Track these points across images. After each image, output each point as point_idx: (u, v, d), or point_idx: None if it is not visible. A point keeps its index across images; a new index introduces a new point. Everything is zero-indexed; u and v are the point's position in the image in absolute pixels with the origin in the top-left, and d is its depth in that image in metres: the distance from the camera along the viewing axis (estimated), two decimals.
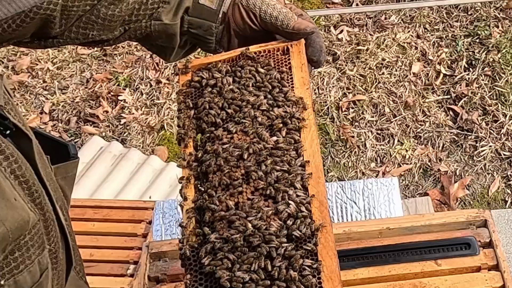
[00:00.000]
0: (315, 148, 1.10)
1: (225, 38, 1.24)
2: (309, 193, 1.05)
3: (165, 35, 1.20)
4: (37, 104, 3.61)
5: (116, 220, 2.10)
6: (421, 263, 1.69)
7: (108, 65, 3.75)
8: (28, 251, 0.86)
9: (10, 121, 0.88)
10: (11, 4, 0.82)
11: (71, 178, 1.05)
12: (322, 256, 1.00)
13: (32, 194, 0.89)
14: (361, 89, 3.53)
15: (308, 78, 1.19)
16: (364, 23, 3.80)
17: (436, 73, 3.57)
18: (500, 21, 3.74)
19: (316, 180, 1.07)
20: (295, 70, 1.19)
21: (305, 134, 1.11)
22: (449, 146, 3.32)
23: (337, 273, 0.98)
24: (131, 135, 3.43)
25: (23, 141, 0.90)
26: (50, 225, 0.93)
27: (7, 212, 0.80)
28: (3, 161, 0.84)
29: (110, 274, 1.97)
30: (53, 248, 0.94)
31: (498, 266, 1.67)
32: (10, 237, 0.81)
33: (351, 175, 3.23)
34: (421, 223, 1.77)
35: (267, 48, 1.23)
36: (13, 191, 0.84)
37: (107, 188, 2.95)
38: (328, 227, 1.03)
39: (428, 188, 3.16)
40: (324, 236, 1.02)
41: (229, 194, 1.06)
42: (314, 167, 1.08)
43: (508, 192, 3.14)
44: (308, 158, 1.09)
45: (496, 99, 3.43)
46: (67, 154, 1.03)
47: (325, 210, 1.04)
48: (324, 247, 1.01)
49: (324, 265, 0.99)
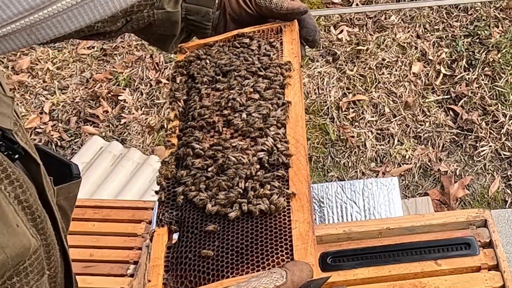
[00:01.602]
0: (297, 100, 1.16)
1: (221, 23, 1.27)
2: (287, 133, 1.09)
3: (168, 23, 1.22)
4: (37, 104, 3.61)
5: (116, 220, 2.10)
6: (421, 263, 1.69)
7: (108, 65, 3.75)
8: (26, 277, 0.85)
9: (19, 145, 0.87)
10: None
11: (73, 198, 1.04)
12: (293, 182, 1.02)
13: (35, 220, 0.88)
14: (361, 89, 3.53)
15: (298, 51, 1.24)
16: (364, 23, 3.80)
17: (436, 73, 3.57)
18: (500, 21, 3.74)
19: (294, 123, 1.11)
20: (285, 44, 1.24)
21: (289, 90, 1.17)
22: (449, 146, 3.32)
23: (306, 194, 1.00)
24: (131, 135, 3.43)
25: (31, 165, 0.89)
26: (51, 250, 0.92)
27: (9, 238, 0.79)
28: (8, 186, 0.82)
29: (110, 274, 1.97)
30: (53, 273, 0.94)
31: (498, 266, 1.67)
32: (10, 263, 0.80)
33: (351, 175, 3.23)
34: (421, 223, 1.76)
35: (261, 29, 1.27)
36: (16, 216, 0.83)
37: (107, 188, 2.95)
38: (302, 160, 1.05)
39: (428, 188, 3.16)
40: (297, 165, 1.04)
41: (210, 136, 1.10)
42: (293, 112, 1.13)
43: (508, 192, 3.14)
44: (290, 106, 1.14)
45: (496, 99, 3.43)
46: (69, 173, 1.02)
47: (301, 146, 1.07)
48: (295, 174, 1.03)
49: (295, 188, 1.01)
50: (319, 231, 1.78)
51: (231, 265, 0.94)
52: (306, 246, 0.93)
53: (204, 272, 0.95)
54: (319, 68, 3.63)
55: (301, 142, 1.08)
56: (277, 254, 0.94)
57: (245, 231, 0.97)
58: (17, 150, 0.86)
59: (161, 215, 1.05)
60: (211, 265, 0.95)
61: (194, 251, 0.98)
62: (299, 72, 1.21)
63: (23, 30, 0.69)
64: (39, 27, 0.69)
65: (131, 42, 3.83)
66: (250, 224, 0.98)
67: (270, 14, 1.25)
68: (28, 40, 0.71)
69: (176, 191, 1.05)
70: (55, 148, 3.41)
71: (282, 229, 0.96)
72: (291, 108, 1.14)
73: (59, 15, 0.69)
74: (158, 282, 0.98)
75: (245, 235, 0.97)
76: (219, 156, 1.06)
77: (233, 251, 0.96)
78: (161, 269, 0.99)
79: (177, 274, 0.97)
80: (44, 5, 0.67)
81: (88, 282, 1.94)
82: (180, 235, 1.02)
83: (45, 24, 0.69)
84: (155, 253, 1.01)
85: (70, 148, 3.42)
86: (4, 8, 0.67)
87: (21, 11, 0.67)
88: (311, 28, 1.26)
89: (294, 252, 0.93)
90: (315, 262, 0.91)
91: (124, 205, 2.17)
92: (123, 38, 3.86)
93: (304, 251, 0.93)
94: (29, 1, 0.67)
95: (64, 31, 0.71)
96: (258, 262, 0.93)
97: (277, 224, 0.97)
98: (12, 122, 0.87)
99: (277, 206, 0.98)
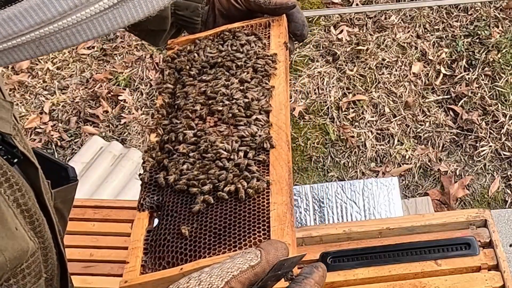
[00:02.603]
0: (281, 89, 1.16)
1: (211, 18, 1.28)
2: (270, 120, 1.11)
3: (158, 18, 1.23)
4: (37, 104, 3.61)
5: (116, 220, 2.10)
6: (421, 263, 1.69)
7: (108, 65, 3.75)
8: (23, 279, 0.86)
9: (18, 150, 0.88)
10: None
11: (70, 201, 1.05)
12: (273, 167, 1.03)
13: (33, 223, 0.88)
14: (361, 89, 3.53)
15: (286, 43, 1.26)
16: (364, 23, 3.80)
17: (436, 73, 3.57)
18: (500, 21, 3.74)
19: (277, 111, 1.12)
20: (273, 37, 1.25)
21: (274, 80, 1.18)
22: (449, 146, 3.32)
23: (286, 178, 1.01)
24: (131, 135, 3.43)
25: (29, 169, 0.90)
26: (48, 253, 0.93)
27: (7, 242, 0.80)
28: (7, 189, 0.83)
29: (110, 274, 1.97)
30: (49, 276, 0.94)
31: (498, 266, 1.67)
32: (8, 266, 0.80)
33: (351, 175, 3.23)
34: (421, 223, 1.77)
35: (250, 24, 1.29)
36: (15, 220, 0.83)
37: (107, 188, 2.95)
38: (284, 146, 1.06)
39: (428, 188, 3.16)
40: (278, 151, 1.05)
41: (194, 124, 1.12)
42: (277, 101, 1.14)
43: (508, 192, 3.14)
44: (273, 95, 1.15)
45: (496, 99, 3.43)
46: (66, 176, 1.03)
47: (283, 132, 1.08)
48: (276, 158, 1.04)
49: (274, 173, 1.02)
50: (319, 231, 1.78)
51: (208, 246, 0.95)
52: (283, 227, 0.94)
53: (182, 253, 0.96)
54: (319, 68, 3.63)
55: (283, 129, 1.09)
56: (254, 235, 0.95)
57: (224, 213, 0.98)
58: (16, 154, 0.87)
59: (142, 200, 1.07)
60: (188, 246, 0.96)
61: (173, 233, 0.99)
62: (285, 63, 1.22)
63: (32, 42, 0.69)
64: (48, 40, 0.69)
65: (131, 42, 3.83)
66: (229, 206, 0.99)
67: (258, 8, 1.26)
68: (36, 52, 0.70)
69: (158, 176, 1.07)
70: (55, 148, 3.41)
71: (260, 211, 0.98)
72: (275, 96, 1.15)
73: (69, 29, 0.69)
74: (136, 264, 1.00)
75: (223, 217, 0.98)
76: (201, 142, 1.07)
77: (210, 233, 0.96)
78: (140, 251, 1.00)
79: (156, 256, 0.98)
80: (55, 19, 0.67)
81: (88, 282, 1.94)
82: (160, 218, 1.03)
83: (54, 37, 0.69)
84: (135, 235, 1.02)
85: (70, 148, 3.42)
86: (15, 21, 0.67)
87: (32, 25, 0.67)
88: (299, 23, 1.28)
89: (271, 232, 0.94)
90: (291, 242, 0.91)
91: (124, 205, 2.17)
92: (123, 38, 3.86)
93: (281, 231, 0.93)
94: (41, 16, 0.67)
95: (72, 43, 0.71)
96: (236, 243, 0.94)
97: (255, 206, 0.98)
98: (11, 126, 0.88)
99: (256, 189, 0.99)
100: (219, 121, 1.12)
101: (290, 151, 1.08)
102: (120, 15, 0.71)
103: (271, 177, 1.02)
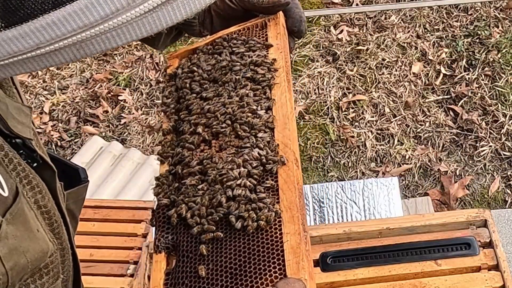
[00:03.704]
0: (283, 100, 1.13)
1: (208, 19, 1.26)
2: (275, 137, 1.08)
3: None
4: (37, 104, 3.61)
5: (116, 220, 2.10)
6: (421, 263, 1.69)
7: (108, 65, 3.75)
8: (41, 279, 0.87)
9: (37, 154, 0.89)
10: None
11: (81, 201, 1.06)
12: (283, 191, 1.01)
13: (52, 224, 0.89)
14: (361, 89, 3.53)
15: (285, 45, 1.22)
16: (364, 23, 3.80)
17: (436, 73, 3.57)
18: (500, 21, 3.74)
19: (282, 126, 1.09)
20: (271, 40, 1.22)
21: (276, 90, 1.15)
22: (449, 146, 3.32)
23: (297, 203, 0.98)
24: (131, 135, 3.43)
25: (47, 172, 0.91)
26: (66, 254, 0.94)
27: (29, 244, 0.81)
28: (29, 192, 0.85)
29: (110, 274, 1.97)
30: (65, 277, 0.95)
31: (498, 266, 1.67)
32: (29, 267, 0.82)
33: (351, 175, 3.23)
34: (421, 223, 1.77)
35: (246, 26, 1.26)
36: (36, 222, 0.84)
37: (107, 188, 2.95)
38: (291, 166, 1.03)
39: (428, 188, 3.16)
40: (286, 172, 1.03)
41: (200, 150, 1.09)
42: (280, 114, 1.10)
43: (508, 192, 3.14)
44: (276, 107, 1.12)
45: (496, 99, 3.43)
46: (77, 177, 1.04)
47: (289, 151, 1.05)
48: (285, 182, 1.02)
49: (284, 198, 1.00)
50: (319, 231, 1.78)
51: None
52: (298, 260, 0.92)
53: None
54: (319, 68, 3.63)
55: (290, 146, 1.06)
56: (270, 271, 0.93)
57: (237, 249, 0.97)
58: (36, 159, 0.89)
59: (158, 241, 1.05)
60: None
61: (190, 276, 0.97)
62: (286, 68, 1.19)
63: (73, 46, 0.70)
64: (89, 43, 0.70)
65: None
66: (242, 241, 0.97)
67: (253, 8, 1.24)
68: (76, 55, 0.71)
69: (169, 214, 1.05)
70: (55, 148, 3.41)
71: (273, 244, 0.96)
72: (278, 109, 1.12)
73: (109, 32, 0.70)
74: None
75: (237, 253, 0.96)
76: (209, 169, 1.05)
77: (226, 273, 0.95)
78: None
79: None
80: (97, 23, 0.68)
81: (88, 282, 1.94)
82: (176, 259, 1.02)
83: (95, 40, 0.70)
84: (154, 281, 1.01)
85: (70, 148, 3.42)
86: (59, 25, 0.67)
87: (75, 28, 0.68)
88: (296, 18, 1.25)
89: (287, 267, 0.92)
90: (308, 276, 0.90)
91: (124, 205, 2.17)
92: None
93: (296, 265, 0.92)
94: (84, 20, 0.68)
95: (111, 46, 0.72)
96: (252, 283, 0.93)
97: (268, 238, 0.96)
98: (31, 132, 0.90)
99: (267, 220, 0.97)
100: (224, 144, 1.09)
101: (299, 168, 1.05)
102: (159, 18, 0.71)
103: (281, 203, 0.99)
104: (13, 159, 0.83)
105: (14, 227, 0.79)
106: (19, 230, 0.79)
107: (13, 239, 0.78)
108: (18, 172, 0.83)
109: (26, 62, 0.71)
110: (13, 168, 0.82)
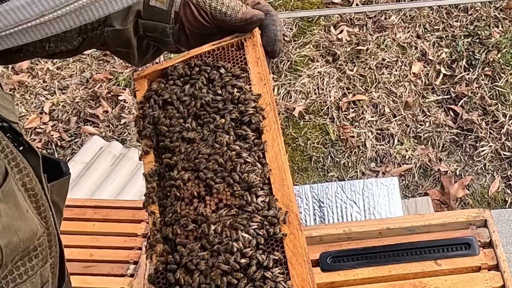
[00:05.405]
0: (276, 149, 1.04)
1: (183, 37, 1.22)
2: (274, 194, 0.99)
3: (120, 40, 1.19)
4: (37, 104, 3.61)
5: (116, 220, 2.10)
6: (421, 263, 1.69)
7: (108, 65, 3.75)
8: (31, 261, 0.87)
9: (23, 138, 0.90)
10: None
11: (64, 193, 1.06)
12: (292, 265, 0.94)
13: (39, 208, 0.90)
14: (361, 89, 3.53)
15: (266, 71, 1.12)
16: (364, 23, 3.80)
17: (436, 73, 3.57)
18: (500, 21, 3.74)
19: (280, 182, 1.00)
20: (251, 65, 1.13)
21: (266, 135, 1.05)
22: (449, 146, 3.32)
23: (308, 280, 0.93)
24: (131, 135, 3.43)
25: (32, 157, 0.92)
26: (53, 238, 0.95)
27: (20, 223, 0.82)
28: (16, 174, 0.86)
29: (110, 274, 1.97)
30: (53, 263, 0.96)
31: (498, 266, 1.67)
32: (21, 247, 0.83)
33: (351, 175, 3.23)
34: (421, 223, 1.77)
35: (221, 46, 1.17)
36: (25, 203, 0.86)
37: (107, 188, 2.95)
38: (297, 234, 0.96)
39: (428, 188, 3.16)
40: (293, 242, 0.95)
41: (193, 208, 1.01)
42: (276, 168, 1.02)
43: (508, 192, 3.14)
44: (269, 156, 1.03)
45: (496, 99, 3.43)
46: (59, 171, 1.04)
47: (292, 215, 0.97)
48: (293, 254, 0.95)
49: (295, 274, 0.93)
50: (319, 231, 1.78)
51: None
52: None
53: None
54: (319, 68, 3.63)
55: (291, 209, 0.97)
56: None
57: None
58: (22, 142, 0.90)
59: None
60: None
61: None
62: (273, 105, 1.08)
63: (73, 12, 0.78)
64: (87, 9, 0.79)
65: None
66: None
67: (227, 26, 1.17)
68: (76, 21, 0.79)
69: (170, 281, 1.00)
70: (55, 148, 3.41)
71: None
72: (271, 160, 1.02)
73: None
74: None
75: None
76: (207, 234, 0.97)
77: None
78: None
79: None
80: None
81: (88, 282, 1.94)
82: None
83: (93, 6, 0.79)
84: None
85: (70, 148, 3.42)
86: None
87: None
88: (271, 37, 1.16)
89: None
90: None
91: (124, 205, 2.17)
92: None
93: None
94: None
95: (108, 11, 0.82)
96: None
97: None
98: (16, 116, 0.91)
99: None
100: (220, 202, 1.00)
101: (303, 232, 0.97)
102: None
103: (292, 280, 0.93)
104: (1, 141, 0.85)
105: (6, 206, 0.81)
106: (10, 209, 0.81)
107: (5, 217, 0.80)
108: (6, 154, 0.85)
109: (28, 31, 0.77)
110: (1, 150, 0.84)
